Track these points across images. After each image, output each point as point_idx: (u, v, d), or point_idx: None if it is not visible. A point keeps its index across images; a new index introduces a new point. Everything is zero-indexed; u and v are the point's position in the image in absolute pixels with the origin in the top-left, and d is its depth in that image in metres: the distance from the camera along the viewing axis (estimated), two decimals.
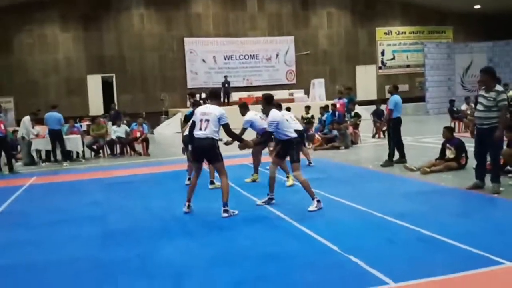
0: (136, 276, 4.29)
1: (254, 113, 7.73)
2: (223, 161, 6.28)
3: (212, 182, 7.89)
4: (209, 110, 6.23)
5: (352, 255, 4.34)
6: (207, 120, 6.13)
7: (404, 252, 4.47)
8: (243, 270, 4.22)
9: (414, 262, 4.18)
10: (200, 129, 6.15)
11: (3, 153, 11.24)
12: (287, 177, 7.87)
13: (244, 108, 8.17)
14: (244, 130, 7.23)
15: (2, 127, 11.12)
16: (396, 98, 9.66)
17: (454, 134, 9.46)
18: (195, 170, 6.48)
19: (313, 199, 6.29)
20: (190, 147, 6.83)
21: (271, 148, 7.56)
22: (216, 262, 4.49)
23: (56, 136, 12.57)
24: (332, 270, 4.09)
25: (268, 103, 6.71)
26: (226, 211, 6.09)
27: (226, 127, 6.28)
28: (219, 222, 5.91)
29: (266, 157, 9.33)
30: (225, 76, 23.95)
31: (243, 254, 4.64)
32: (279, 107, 9.36)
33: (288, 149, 6.48)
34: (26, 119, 12.99)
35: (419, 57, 28.53)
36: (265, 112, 6.77)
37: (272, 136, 6.88)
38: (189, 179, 8.04)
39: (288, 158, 6.57)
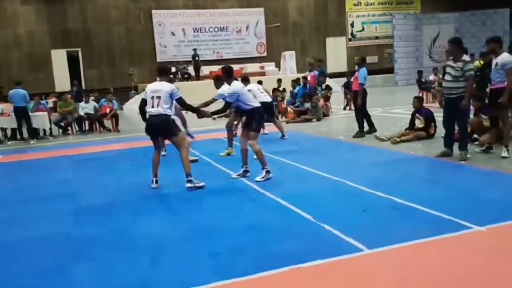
0: (112, 250, 4.28)
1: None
2: (178, 134, 6.29)
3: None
4: (160, 87, 6.20)
5: (326, 224, 4.42)
6: (158, 97, 6.12)
7: (377, 220, 4.56)
8: (220, 242, 4.24)
9: (387, 229, 4.28)
10: (152, 106, 6.16)
11: None
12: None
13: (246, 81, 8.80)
14: (214, 100, 7.23)
15: None
16: (365, 71, 9.68)
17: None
18: (154, 147, 6.50)
19: (263, 169, 6.42)
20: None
21: (235, 122, 7.55)
22: (193, 234, 4.51)
23: (21, 114, 12.22)
24: (308, 239, 4.16)
25: (228, 75, 6.68)
26: (189, 181, 6.14)
27: (180, 101, 6.28)
28: (194, 195, 5.90)
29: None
30: (194, 49, 23.60)
31: (219, 226, 4.66)
32: (246, 81, 9.32)
33: (251, 118, 6.55)
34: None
35: (388, 29, 28.71)
36: (227, 83, 6.68)
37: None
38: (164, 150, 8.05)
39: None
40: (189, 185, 6.13)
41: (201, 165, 7.62)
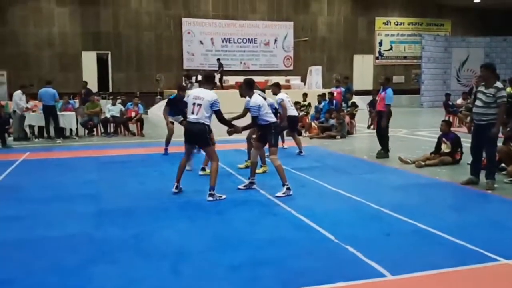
0: (133, 254, 4.31)
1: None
2: (214, 146, 6.31)
3: (203, 169, 7.83)
4: (202, 95, 6.19)
5: (349, 245, 4.37)
6: (199, 105, 6.12)
7: (400, 245, 4.51)
8: (241, 255, 4.23)
9: (410, 255, 4.22)
10: (192, 113, 6.17)
11: None
12: (261, 166, 7.80)
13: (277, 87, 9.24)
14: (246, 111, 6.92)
15: None
16: (391, 92, 9.50)
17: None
18: (185, 152, 6.53)
19: (283, 185, 6.39)
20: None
21: (253, 136, 7.55)
22: (214, 245, 4.51)
23: (50, 112, 12.45)
24: (330, 259, 4.13)
25: (249, 87, 6.72)
26: (211, 195, 6.14)
27: (218, 114, 6.26)
28: (217, 206, 5.92)
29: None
30: (218, 59, 23.75)
31: (241, 239, 4.66)
32: (278, 88, 9.50)
33: (266, 133, 6.56)
34: (16, 93, 12.85)
35: (416, 49, 28.50)
36: (247, 96, 6.72)
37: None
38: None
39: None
40: (210, 198, 6.13)
41: (223, 176, 7.62)
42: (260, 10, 26.72)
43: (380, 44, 29.41)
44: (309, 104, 15.99)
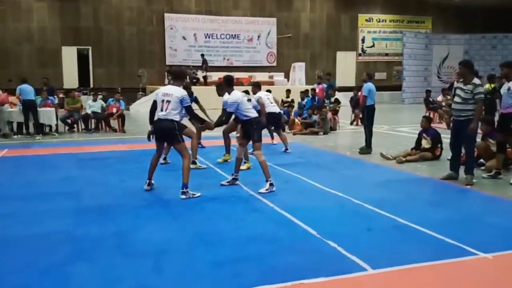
0: (113, 252, 4.26)
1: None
2: (184, 142, 6.27)
3: (193, 162, 7.78)
4: (171, 91, 6.17)
5: (331, 241, 4.39)
6: (168, 101, 6.10)
7: (381, 240, 4.54)
8: (223, 251, 4.22)
9: (391, 250, 4.26)
10: (161, 109, 6.14)
11: None
12: (244, 162, 7.76)
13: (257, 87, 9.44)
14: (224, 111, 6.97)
15: None
16: (370, 85, 9.56)
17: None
18: (156, 149, 6.51)
19: (266, 181, 6.41)
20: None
21: (238, 135, 7.56)
22: (196, 242, 4.49)
23: (30, 107, 12.25)
24: (312, 255, 4.13)
25: (229, 84, 6.78)
26: (184, 192, 6.07)
27: (188, 109, 6.28)
28: (199, 203, 5.88)
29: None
30: (202, 55, 23.67)
31: (223, 236, 4.64)
32: (258, 88, 9.53)
33: (249, 129, 6.58)
34: None
35: (398, 46, 28.76)
36: (227, 93, 6.79)
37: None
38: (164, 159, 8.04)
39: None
40: (183, 196, 6.05)
41: (206, 173, 7.61)
42: (243, 6, 26.65)
43: (363, 41, 29.59)
44: (292, 101, 16.01)
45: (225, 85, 6.82)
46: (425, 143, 8.88)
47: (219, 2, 26.11)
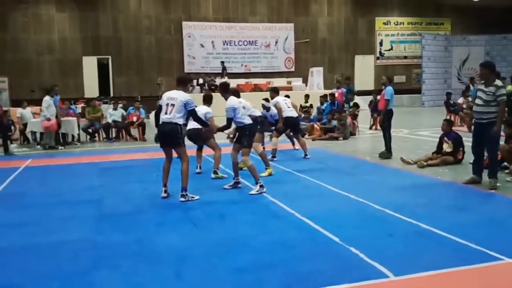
0: (135, 259, 4.30)
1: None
2: (184, 147, 6.41)
3: (215, 172, 7.84)
4: (176, 95, 6.32)
5: (353, 247, 4.36)
6: (173, 105, 6.25)
7: (403, 245, 4.50)
8: (244, 258, 4.23)
9: (413, 256, 4.21)
10: (166, 113, 6.28)
11: None
12: (266, 168, 7.88)
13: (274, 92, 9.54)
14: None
15: None
16: (391, 89, 9.52)
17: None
18: (166, 157, 6.63)
19: (256, 183, 6.64)
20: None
21: (232, 135, 7.74)
22: (217, 249, 4.50)
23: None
24: (334, 261, 4.11)
25: (225, 90, 7.03)
26: (183, 195, 6.27)
27: (193, 113, 6.44)
28: (220, 209, 5.92)
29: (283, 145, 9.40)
30: (222, 62, 23.83)
31: (244, 242, 4.65)
32: (276, 93, 9.77)
33: (241, 134, 6.80)
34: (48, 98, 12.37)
35: (417, 49, 28.51)
36: (224, 98, 6.98)
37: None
38: (198, 167, 8.21)
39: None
40: (182, 199, 6.26)
41: (227, 181, 7.62)
42: (260, 13, 26.76)
43: (381, 44, 29.42)
44: (311, 106, 15.99)
45: (221, 92, 7.08)
46: (447, 147, 8.76)
47: (237, 9, 26.27)
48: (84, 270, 4.08)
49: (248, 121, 6.85)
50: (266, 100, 9.91)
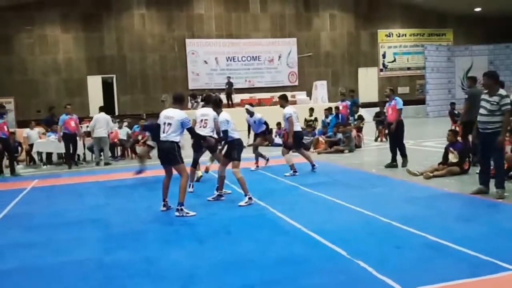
0: (143, 279, 4.28)
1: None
2: (183, 163, 6.57)
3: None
4: (172, 114, 6.51)
5: (361, 260, 4.33)
6: (169, 124, 6.46)
7: (411, 258, 4.46)
8: (251, 275, 4.20)
9: (422, 268, 4.17)
10: (163, 132, 6.49)
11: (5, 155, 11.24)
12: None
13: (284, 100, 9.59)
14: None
15: (6, 128, 11.12)
16: (400, 99, 9.76)
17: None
18: (166, 174, 6.79)
19: (245, 195, 6.91)
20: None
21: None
22: (224, 266, 4.48)
23: (71, 139, 12.44)
24: (342, 275, 4.08)
25: (218, 106, 7.74)
26: (179, 210, 6.40)
27: (190, 130, 6.70)
28: (226, 226, 5.90)
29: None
30: (228, 77, 23.94)
31: (251, 259, 4.62)
32: (286, 100, 9.71)
33: (231, 148, 7.11)
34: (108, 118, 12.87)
35: (420, 60, 28.59)
36: (216, 113, 7.66)
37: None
38: (191, 186, 8.07)
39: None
40: (177, 214, 6.40)
41: (232, 196, 7.62)
42: (263, 28, 26.98)
43: (384, 56, 29.53)
44: (316, 119, 16.00)
45: (214, 107, 7.67)
46: (453, 157, 8.73)
47: (239, 26, 26.51)
48: None
49: (237, 136, 7.17)
50: (251, 105, 10.08)
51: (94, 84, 24.47)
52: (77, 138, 12.54)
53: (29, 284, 4.31)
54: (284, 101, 9.58)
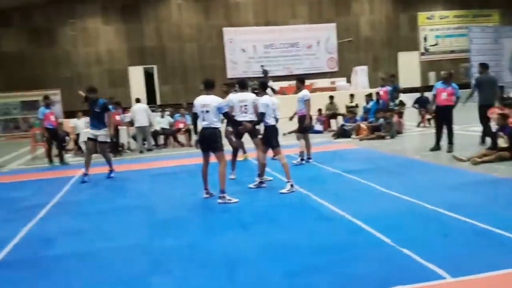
0: (188, 264, 4.36)
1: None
2: (223, 151, 6.66)
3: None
4: (208, 101, 6.55)
5: (406, 248, 4.26)
6: (207, 111, 6.51)
7: (460, 246, 4.35)
8: (296, 261, 4.21)
9: (472, 256, 4.07)
10: (203, 120, 6.54)
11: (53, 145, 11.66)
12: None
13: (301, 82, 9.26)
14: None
15: (53, 118, 11.52)
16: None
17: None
18: (204, 161, 6.85)
19: (287, 182, 6.89)
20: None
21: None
22: (267, 252, 4.51)
23: (115, 128, 12.86)
24: (386, 263, 4.03)
25: (263, 88, 7.62)
26: (221, 197, 6.48)
27: (226, 115, 6.79)
28: (269, 212, 5.94)
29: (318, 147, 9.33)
30: (262, 66, 23.87)
31: (295, 245, 4.63)
32: (302, 83, 9.35)
33: (267, 136, 7.18)
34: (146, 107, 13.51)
35: (464, 42, 27.57)
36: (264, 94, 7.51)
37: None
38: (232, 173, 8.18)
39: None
40: (220, 201, 6.46)
41: (274, 183, 7.64)
42: (301, 14, 26.71)
43: (425, 39, 28.69)
44: (356, 105, 15.79)
45: (260, 90, 7.64)
46: (502, 142, 8.43)
47: (277, 12, 26.33)
48: (141, 275, 4.19)
49: (272, 122, 7.17)
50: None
51: (136, 75, 24.96)
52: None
53: (80, 269, 4.47)
54: (301, 84, 9.36)
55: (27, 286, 4.14)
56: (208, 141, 6.61)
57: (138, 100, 14.18)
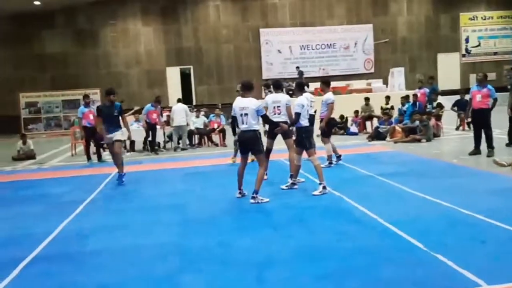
0: (218, 264, 4.39)
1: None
2: (263, 154, 6.76)
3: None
4: (247, 104, 6.57)
5: (440, 254, 4.16)
6: (246, 114, 6.56)
7: (496, 252, 4.22)
8: (327, 264, 4.18)
9: (509, 264, 3.93)
10: (243, 123, 6.60)
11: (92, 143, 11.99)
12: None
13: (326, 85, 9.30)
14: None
15: (91, 117, 11.82)
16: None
17: None
18: (241, 161, 6.92)
19: (320, 184, 6.87)
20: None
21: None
22: (299, 254, 4.49)
23: (152, 127, 13.22)
24: (419, 269, 3.94)
25: (300, 89, 7.76)
26: (254, 197, 6.54)
27: (264, 117, 6.79)
28: (300, 214, 5.91)
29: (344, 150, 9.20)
30: (297, 67, 23.81)
31: (326, 248, 4.60)
32: (327, 85, 9.42)
33: (301, 138, 7.15)
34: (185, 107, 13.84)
35: (508, 44, 26.73)
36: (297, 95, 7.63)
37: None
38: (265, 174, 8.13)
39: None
40: (252, 201, 6.53)
41: (306, 185, 7.61)
42: (338, 15, 26.47)
43: (467, 40, 27.92)
44: (392, 107, 15.53)
45: (296, 91, 7.80)
46: None
47: (314, 13, 26.19)
48: (171, 273, 4.24)
49: (305, 123, 7.14)
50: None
51: (173, 75, 25.33)
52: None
53: (113, 264, 4.57)
54: (325, 86, 9.35)
55: (64, 280, 4.25)
56: (248, 144, 6.68)
57: (179, 100, 14.57)
